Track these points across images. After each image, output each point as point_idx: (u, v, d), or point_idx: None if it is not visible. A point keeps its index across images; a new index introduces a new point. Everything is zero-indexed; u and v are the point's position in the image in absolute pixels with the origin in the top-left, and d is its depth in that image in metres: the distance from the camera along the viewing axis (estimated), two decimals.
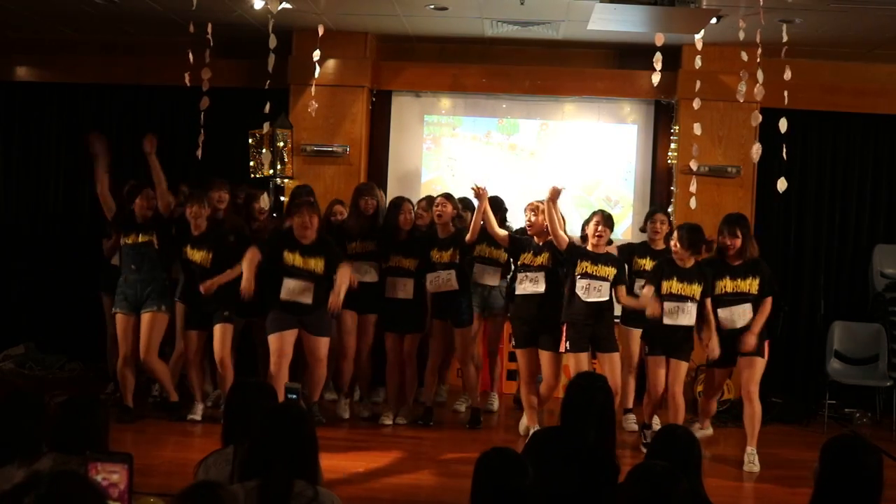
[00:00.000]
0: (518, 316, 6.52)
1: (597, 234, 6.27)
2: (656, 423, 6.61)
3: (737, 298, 6.14)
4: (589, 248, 6.31)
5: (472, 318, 6.85)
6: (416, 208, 6.97)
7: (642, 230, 7.27)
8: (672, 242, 6.23)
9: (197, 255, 6.50)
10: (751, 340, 6.10)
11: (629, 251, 6.99)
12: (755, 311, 6.15)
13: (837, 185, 8.48)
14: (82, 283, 8.70)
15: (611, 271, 6.23)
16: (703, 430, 6.53)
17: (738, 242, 6.12)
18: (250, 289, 6.17)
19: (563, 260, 6.32)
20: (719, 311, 6.14)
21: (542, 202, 6.39)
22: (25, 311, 8.93)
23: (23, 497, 2.17)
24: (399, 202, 6.82)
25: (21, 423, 3.22)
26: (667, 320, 6.08)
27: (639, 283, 6.62)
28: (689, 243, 6.08)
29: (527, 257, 6.43)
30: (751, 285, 6.14)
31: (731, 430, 7.14)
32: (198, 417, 6.63)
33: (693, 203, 6.75)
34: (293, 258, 6.35)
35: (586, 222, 6.45)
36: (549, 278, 6.34)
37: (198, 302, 6.52)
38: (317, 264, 6.38)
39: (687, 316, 6.06)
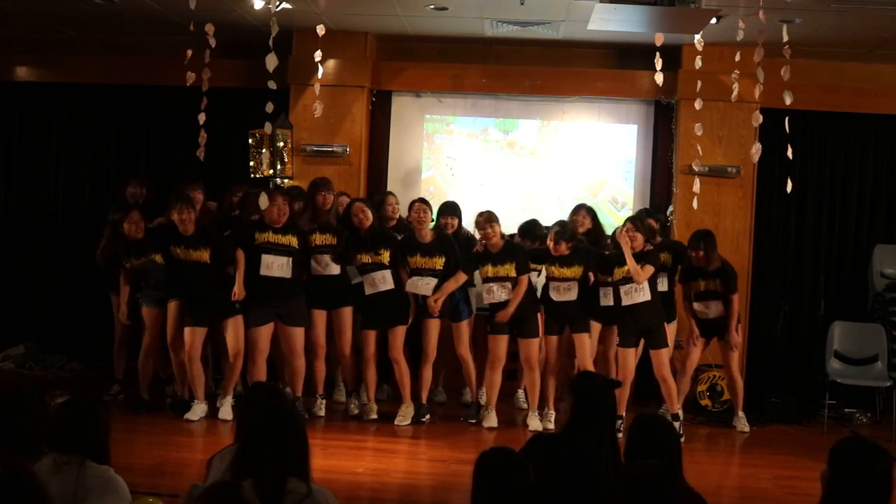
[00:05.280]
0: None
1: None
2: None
3: (709, 295, 7.03)
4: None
5: (469, 312, 6.95)
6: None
7: None
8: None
9: (194, 255, 6.59)
10: (735, 338, 7.08)
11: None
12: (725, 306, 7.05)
13: (837, 185, 8.48)
14: (82, 283, 8.71)
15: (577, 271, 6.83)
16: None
17: (702, 254, 6.95)
18: (242, 294, 6.55)
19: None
20: (695, 304, 7.12)
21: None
22: (25, 311, 8.93)
23: None
24: (351, 205, 6.98)
25: (21, 423, 3.22)
26: (625, 301, 6.75)
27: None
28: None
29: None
30: (716, 285, 7.04)
31: (730, 430, 7.15)
32: (195, 418, 6.63)
33: (696, 203, 6.78)
34: (265, 236, 6.63)
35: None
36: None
37: (199, 300, 6.60)
38: (291, 240, 6.67)
39: (642, 293, 6.70)
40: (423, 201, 7.01)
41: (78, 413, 3.24)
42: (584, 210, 7.38)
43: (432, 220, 7.08)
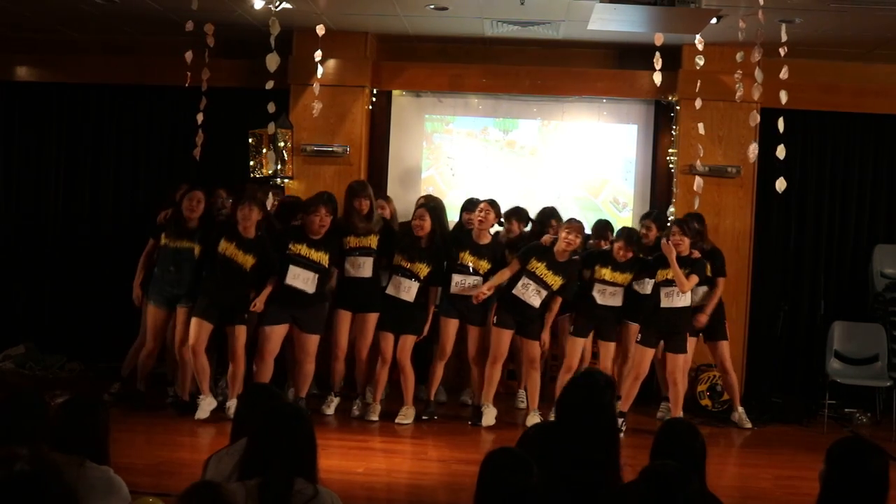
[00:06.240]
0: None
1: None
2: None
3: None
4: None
5: (486, 318, 6.93)
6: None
7: None
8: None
9: (241, 257, 6.57)
10: (702, 319, 7.05)
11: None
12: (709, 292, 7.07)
13: (837, 185, 8.48)
14: (82, 282, 8.72)
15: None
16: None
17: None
18: (261, 309, 6.62)
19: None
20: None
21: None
22: (25, 311, 8.93)
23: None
24: (416, 208, 7.03)
25: (21, 423, 3.22)
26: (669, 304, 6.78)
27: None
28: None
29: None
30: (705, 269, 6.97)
31: (730, 430, 7.15)
32: (205, 415, 6.58)
33: (697, 203, 6.79)
34: (299, 248, 6.62)
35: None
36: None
37: (220, 297, 6.60)
38: (322, 257, 6.64)
39: (683, 298, 6.78)
40: (490, 203, 6.96)
41: (78, 413, 3.24)
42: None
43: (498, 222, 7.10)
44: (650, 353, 6.83)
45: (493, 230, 7.13)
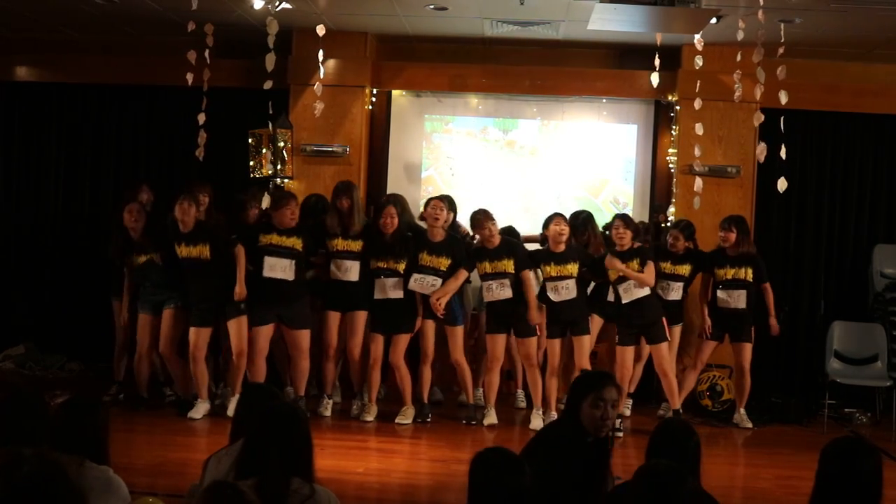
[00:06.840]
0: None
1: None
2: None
3: (736, 284, 7.08)
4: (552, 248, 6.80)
5: (464, 317, 7.00)
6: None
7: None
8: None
9: (195, 251, 6.61)
10: (774, 323, 7.20)
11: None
12: (749, 296, 7.10)
13: (837, 185, 8.48)
14: (82, 283, 8.71)
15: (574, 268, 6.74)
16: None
17: (733, 237, 7.05)
18: (243, 294, 6.55)
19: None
20: (719, 292, 7.13)
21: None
22: (25, 311, 8.92)
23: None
24: (381, 205, 6.95)
25: (21, 423, 3.21)
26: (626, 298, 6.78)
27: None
28: None
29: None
30: (746, 273, 7.08)
31: (730, 430, 7.15)
32: (198, 416, 6.65)
33: (697, 203, 6.78)
34: (269, 238, 6.64)
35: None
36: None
37: (202, 299, 6.64)
38: (295, 242, 6.68)
39: (642, 289, 6.72)
40: (441, 199, 6.95)
41: (78, 413, 3.24)
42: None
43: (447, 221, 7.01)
44: (630, 351, 6.84)
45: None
